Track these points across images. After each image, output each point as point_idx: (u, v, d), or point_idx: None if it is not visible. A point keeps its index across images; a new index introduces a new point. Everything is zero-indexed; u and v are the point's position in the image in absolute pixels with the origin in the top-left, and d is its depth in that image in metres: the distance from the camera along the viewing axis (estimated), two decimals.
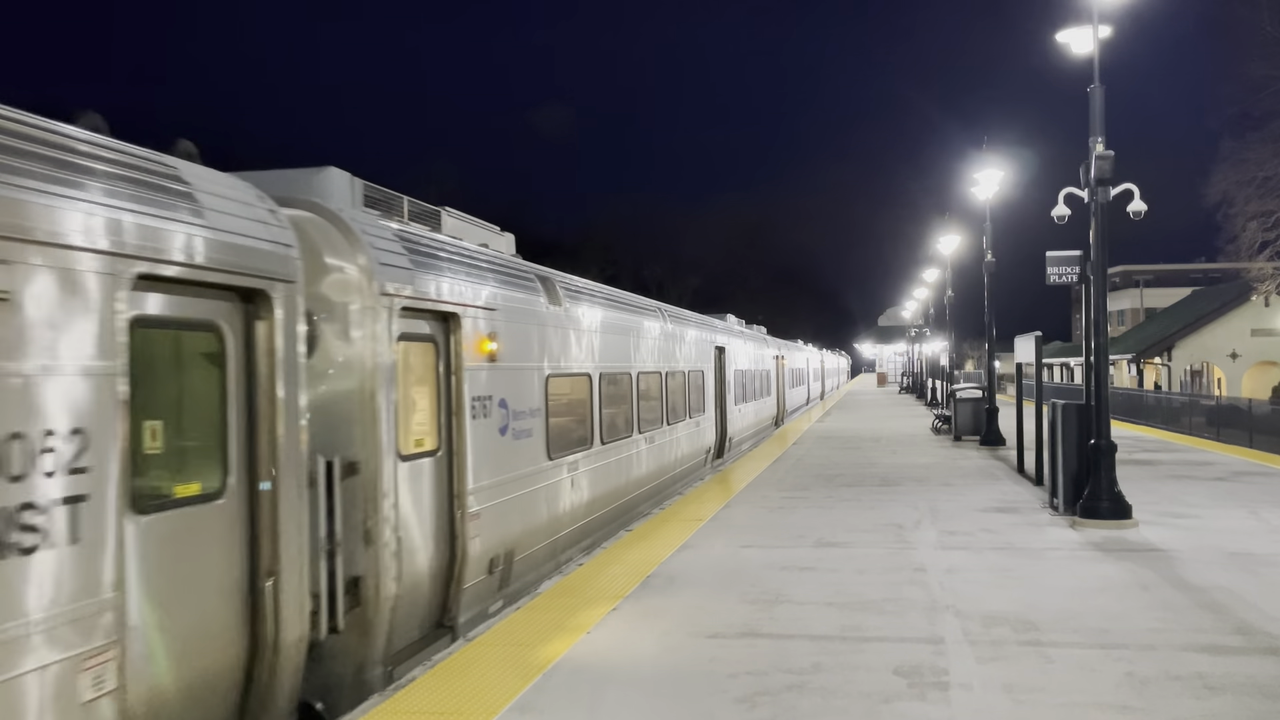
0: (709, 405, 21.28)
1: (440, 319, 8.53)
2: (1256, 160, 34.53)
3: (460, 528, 8.47)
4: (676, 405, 17.97)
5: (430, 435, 8.35)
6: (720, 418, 22.91)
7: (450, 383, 8.60)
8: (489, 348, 9.22)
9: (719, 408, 22.75)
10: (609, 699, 6.28)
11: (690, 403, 19.22)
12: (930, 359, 53.77)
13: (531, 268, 11.50)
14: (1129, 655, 6.98)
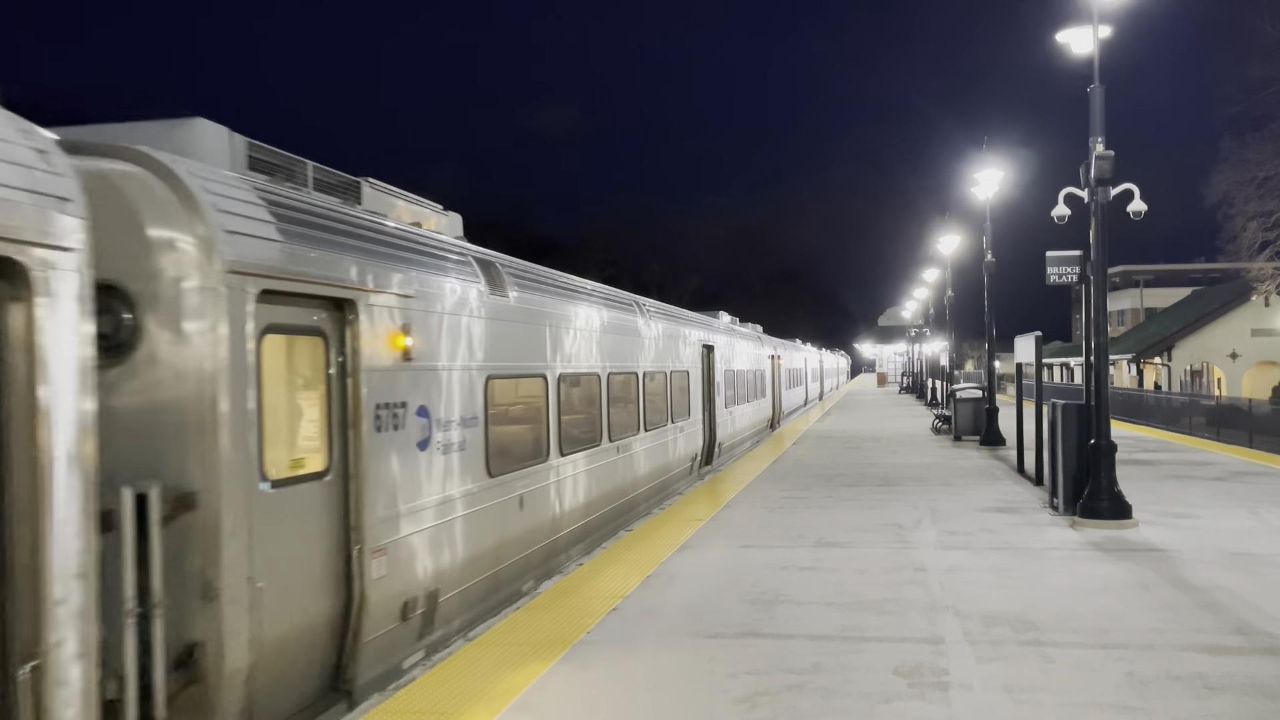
0: (695, 408, 19.81)
1: (331, 307, 6.87)
2: (1256, 160, 34.54)
3: (359, 567, 6.84)
4: (657, 409, 16.47)
5: (316, 453, 6.75)
6: (709, 422, 21.39)
7: (346, 387, 6.93)
8: (403, 343, 7.61)
9: (707, 411, 21.22)
10: (610, 698, 6.28)
11: (674, 406, 17.70)
12: (930, 359, 53.77)
13: (470, 250, 9.74)
14: (1129, 655, 6.99)
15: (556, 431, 11.27)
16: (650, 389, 16.05)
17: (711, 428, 21.79)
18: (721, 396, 23.10)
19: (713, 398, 21.87)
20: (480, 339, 9.17)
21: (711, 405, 21.82)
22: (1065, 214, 14.69)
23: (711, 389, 21.82)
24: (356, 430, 6.93)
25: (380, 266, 7.44)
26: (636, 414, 15.13)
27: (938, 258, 43.37)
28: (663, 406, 16.95)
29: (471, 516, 8.79)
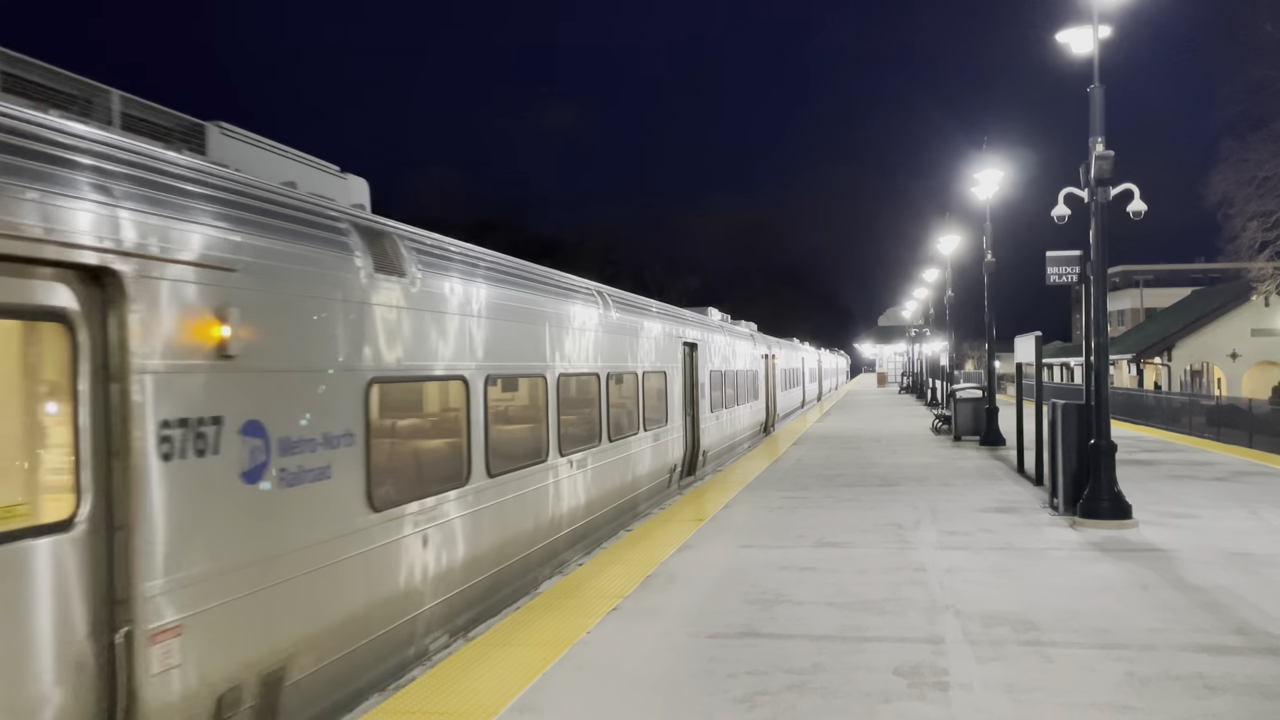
0: (674, 413, 17.77)
1: (87, 279, 4.83)
2: (1256, 160, 34.55)
3: (127, 659, 4.84)
4: (625, 415, 14.41)
5: (55, 494, 4.76)
6: (690, 428, 19.26)
7: (108, 395, 4.91)
8: (217, 334, 5.55)
9: (689, 416, 19.23)
10: (610, 699, 6.28)
11: (647, 411, 15.65)
12: (930, 359, 53.77)
13: (353, 217, 7.57)
14: (1129, 655, 6.99)
15: (482, 449, 8.96)
16: (616, 393, 13.92)
17: (694, 434, 19.68)
18: (707, 399, 21.07)
19: (696, 401, 19.84)
20: (360, 331, 7.06)
21: (695, 409, 19.75)
22: (1065, 214, 14.70)
23: (695, 391, 19.79)
24: (125, 458, 4.89)
25: (176, 223, 5.33)
26: (597, 422, 12.95)
27: (938, 258, 43.37)
28: (632, 412, 14.89)
29: (341, 567, 6.66)
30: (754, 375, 29.58)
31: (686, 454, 18.85)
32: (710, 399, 21.52)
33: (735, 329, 27.42)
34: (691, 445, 19.47)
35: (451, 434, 8.66)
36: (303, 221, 6.65)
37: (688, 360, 19.35)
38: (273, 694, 5.92)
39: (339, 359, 6.81)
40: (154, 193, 5.31)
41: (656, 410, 16.48)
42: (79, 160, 4.91)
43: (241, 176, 6.40)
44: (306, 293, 6.48)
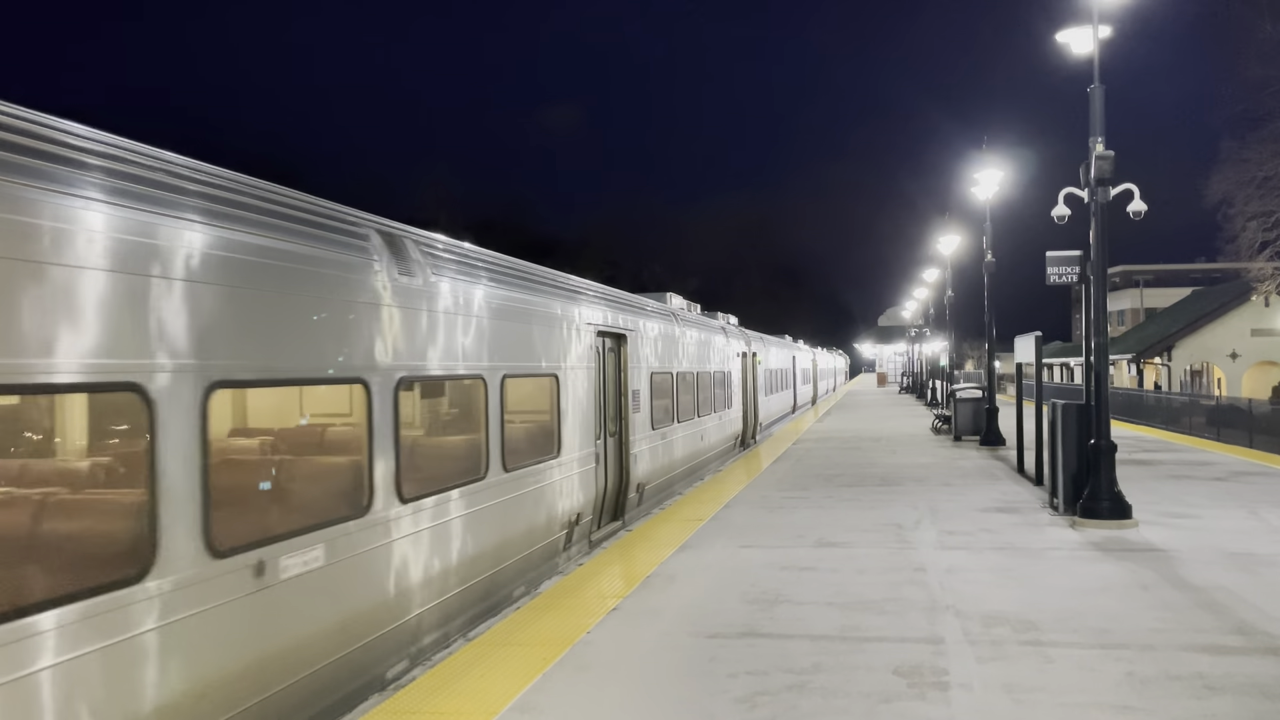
0: (573, 436, 11.68)
1: None
2: (1256, 160, 34.55)
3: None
4: (437, 456, 8.78)
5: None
6: (614, 454, 13.69)
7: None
8: None
9: (610, 437, 13.57)
10: (610, 699, 6.28)
11: (531, 439, 10.55)
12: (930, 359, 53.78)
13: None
14: (1129, 655, 6.99)
15: (176, 514, 5.23)
16: (466, 409, 9.19)
17: (623, 463, 14.05)
18: (646, 411, 15.47)
19: (625, 415, 14.18)
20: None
21: (624, 429, 14.16)
22: (1065, 214, 14.70)
23: (622, 401, 14.16)
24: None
25: None
26: (363, 477, 7.17)
27: (938, 258, 43.40)
28: (473, 450, 9.13)
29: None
30: (727, 377, 24.07)
31: (601, 495, 12.95)
32: (650, 411, 15.80)
33: (702, 321, 22.12)
34: (615, 480, 13.65)
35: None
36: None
37: (614, 360, 13.84)
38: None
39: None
40: None
41: (546, 439, 10.87)
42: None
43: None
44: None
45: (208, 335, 5.56)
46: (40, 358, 4.55)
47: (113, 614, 4.76)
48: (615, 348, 14.05)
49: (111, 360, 4.91)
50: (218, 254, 5.68)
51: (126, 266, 5.04)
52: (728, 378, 24.27)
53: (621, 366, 14.27)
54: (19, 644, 4.29)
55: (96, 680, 4.67)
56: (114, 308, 4.94)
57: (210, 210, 5.71)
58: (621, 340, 14.32)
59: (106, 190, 5.00)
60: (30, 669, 4.33)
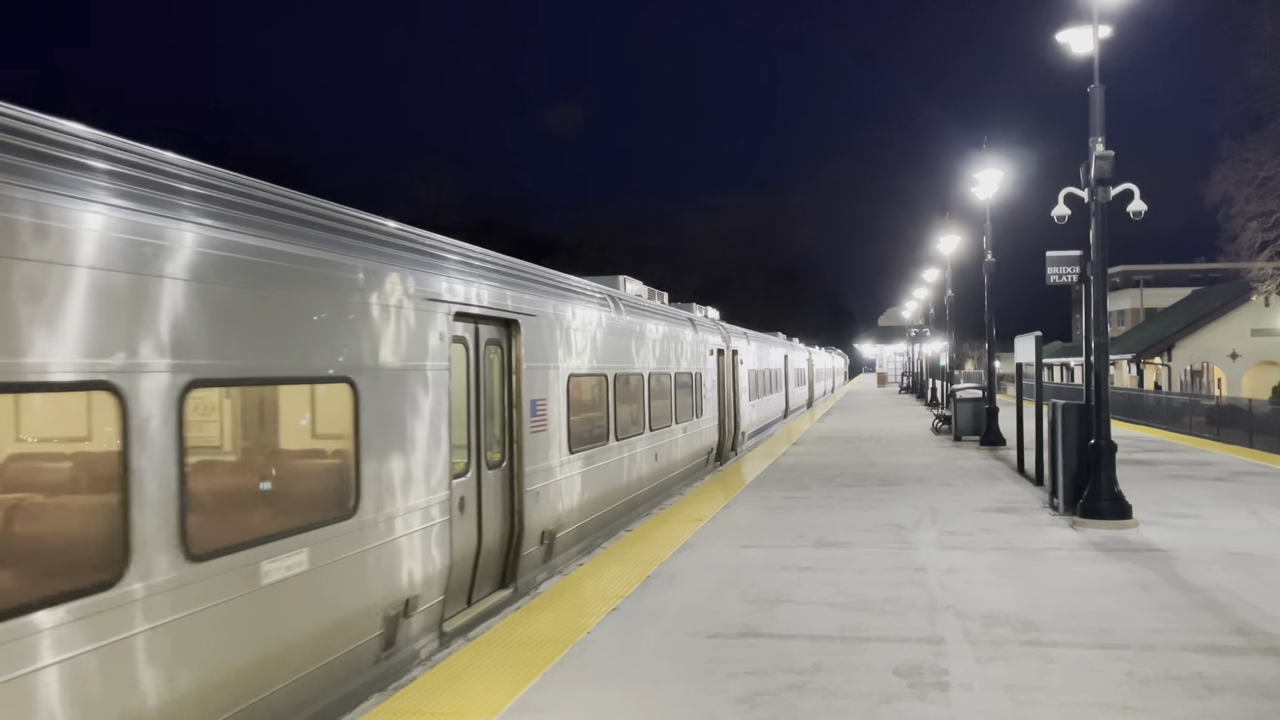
0: (405, 479, 7.62)
1: None
2: (1256, 160, 34.56)
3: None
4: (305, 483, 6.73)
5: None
6: (505, 492, 9.88)
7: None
8: None
9: (503, 467, 9.86)
10: (610, 699, 6.28)
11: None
12: (930, 359, 53.78)
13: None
14: (1129, 655, 6.99)
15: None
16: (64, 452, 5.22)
17: (510, 507, 9.97)
18: (558, 430, 11.27)
19: (516, 437, 10.06)
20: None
21: (512, 453, 10.04)
22: (1065, 214, 14.70)
23: (514, 417, 10.06)
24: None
25: None
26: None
27: (938, 258, 43.42)
28: (147, 518, 5.08)
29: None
30: (695, 379, 19.85)
31: (472, 556, 9.10)
32: (568, 428, 11.61)
33: (663, 311, 18.18)
34: (497, 530, 9.66)
35: None
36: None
37: (476, 355, 9.37)
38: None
39: None
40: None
41: (336, 486, 6.89)
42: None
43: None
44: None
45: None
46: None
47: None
48: (500, 340, 9.86)
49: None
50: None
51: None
52: (697, 380, 20.09)
53: (513, 367, 10.03)
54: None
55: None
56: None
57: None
58: (511, 330, 10.04)
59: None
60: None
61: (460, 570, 8.70)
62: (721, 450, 22.86)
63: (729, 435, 24.00)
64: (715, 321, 24.62)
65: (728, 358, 24.17)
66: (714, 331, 22.87)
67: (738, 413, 25.44)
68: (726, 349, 24.07)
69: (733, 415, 24.72)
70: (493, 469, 9.58)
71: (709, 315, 24.79)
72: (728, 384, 24.09)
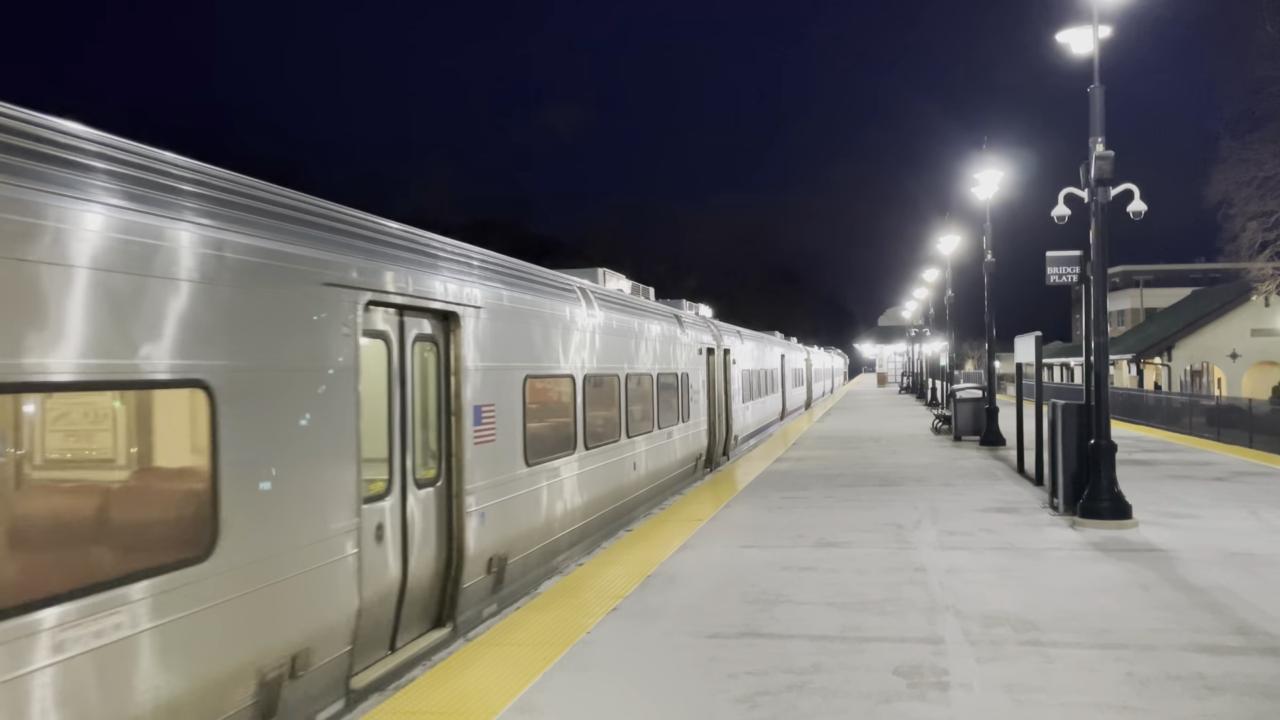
0: (291, 510, 6.16)
1: None
2: (1256, 160, 34.56)
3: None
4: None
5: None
6: (443, 515, 8.42)
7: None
8: None
9: (440, 485, 8.41)
10: (610, 699, 6.28)
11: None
12: (930, 359, 53.77)
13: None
14: (1129, 655, 6.99)
15: None
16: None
17: (448, 532, 8.47)
18: (510, 439, 9.70)
19: (456, 450, 8.56)
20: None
21: (450, 468, 8.57)
22: (1065, 214, 14.70)
23: (453, 426, 8.57)
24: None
25: None
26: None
27: (938, 258, 43.42)
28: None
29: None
30: (682, 380, 18.54)
31: (396, 594, 7.65)
32: (523, 437, 10.04)
33: (646, 307, 16.85)
34: (432, 560, 8.20)
35: None
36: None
37: (401, 353, 7.84)
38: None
39: None
40: None
41: (147, 527, 5.22)
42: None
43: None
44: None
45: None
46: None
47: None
48: (436, 336, 8.39)
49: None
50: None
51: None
52: (684, 381, 18.74)
53: (452, 368, 8.56)
54: None
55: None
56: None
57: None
58: (450, 324, 8.58)
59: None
60: None
61: (376, 612, 7.15)
62: (712, 456, 21.70)
63: (720, 439, 22.83)
64: (706, 319, 23.41)
65: (719, 357, 23.09)
66: (703, 329, 21.67)
67: (729, 415, 24.26)
68: (718, 348, 23.03)
69: (724, 418, 23.54)
70: (424, 488, 8.10)
71: (701, 312, 23.82)
72: (719, 385, 22.96)
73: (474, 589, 8.75)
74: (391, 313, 7.67)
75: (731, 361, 24.91)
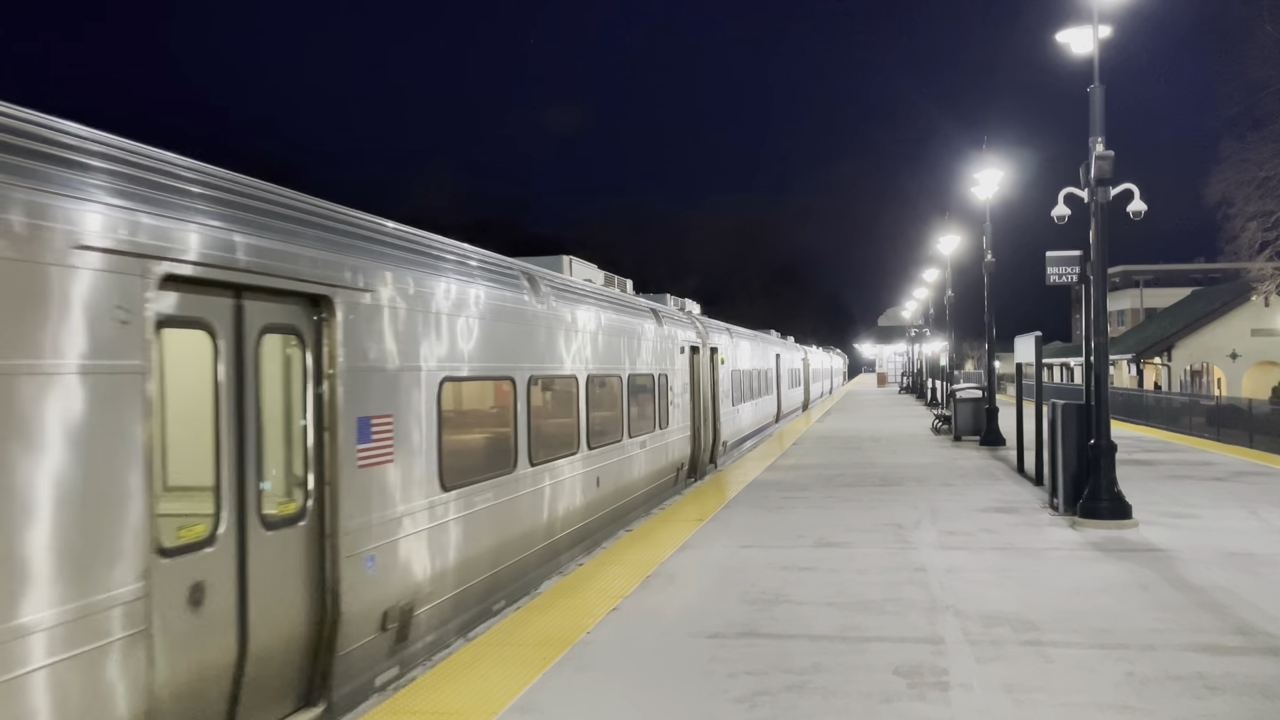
0: (39, 565, 4.36)
1: None
2: (1256, 160, 34.55)
3: None
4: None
5: None
6: (319, 579, 6.60)
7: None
8: None
9: (312, 520, 6.52)
10: (610, 699, 6.28)
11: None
12: (930, 359, 53.78)
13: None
14: (1129, 655, 6.99)
15: None
16: None
17: (321, 586, 6.58)
18: (431, 459, 8.10)
19: (330, 478, 6.67)
20: None
21: (325, 497, 6.63)
22: (1065, 214, 14.70)
23: (330, 448, 6.67)
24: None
25: None
26: None
27: (938, 258, 43.42)
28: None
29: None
30: (659, 382, 16.78)
31: (246, 664, 5.81)
32: (437, 460, 8.19)
33: (616, 299, 15.15)
34: (290, 628, 6.30)
35: None
36: None
37: (237, 357, 5.89)
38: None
39: None
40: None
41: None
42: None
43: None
44: None
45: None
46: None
47: None
48: (301, 327, 6.52)
49: None
50: None
51: None
52: (662, 383, 16.94)
53: (324, 370, 6.68)
54: None
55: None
56: None
57: None
58: (322, 312, 6.67)
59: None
60: None
61: (189, 706, 5.34)
62: (696, 464, 19.76)
63: (706, 446, 20.84)
64: (691, 315, 21.60)
65: (704, 356, 21.04)
66: (685, 325, 19.66)
67: (717, 420, 22.19)
68: (703, 346, 20.99)
69: (710, 423, 21.45)
70: (279, 527, 6.16)
71: (688, 307, 22.23)
72: (704, 386, 20.90)
73: (360, 653, 6.90)
74: (219, 294, 5.71)
75: (720, 361, 23.20)
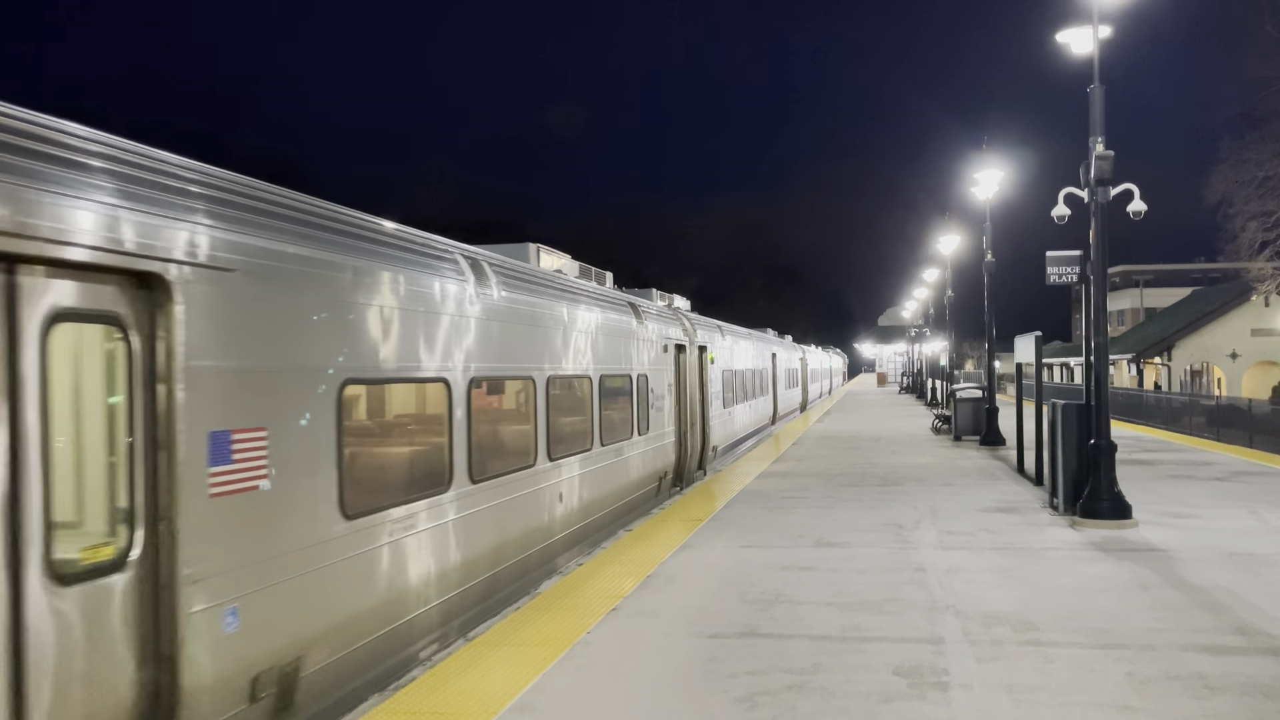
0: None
1: None
2: (1256, 160, 34.58)
3: None
4: None
5: None
6: (153, 647, 5.11)
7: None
8: None
9: (133, 615, 4.98)
10: (610, 699, 6.28)
11: None
12: (930, 359, 53.78)
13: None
14: (1129, 655, 6.98)
15: None
16: None
17: (156, 655, 5.12)
18: (329, 480, 6.64)
19: (167, 512, 5.21)
20: None
21: (159, 547, 5.17)
22: (1065, 214, 14.70)
23: (168, 472, 5.21)
24: None
25: None
26: None
27: (938, 258, 43.41)
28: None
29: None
30: (638, 383, 15.46)
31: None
32: (337, 482, 6.70)
33: (588, 291, 13.80)
34: (112, 713, 4.89)
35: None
36: None
37: (9, 356, 4.42)
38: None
39: None
40: None
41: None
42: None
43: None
44: None
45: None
46: None
47: None
48: (119, 313, 5.06)
49: None
50: None
51: None
52: (641, 384, 15.66)
53: (159, 371, 5.23)
54: None
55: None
56: None
57: None
58: (152, 296, 5.21)
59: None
60: None
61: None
62: (682, 471, 18.45)
63: (693, 452, 19.52)
64: (677, 311, 20.33)
65: (691, 355, 19.74)
66: (670, 322, 18.27)
67: (706, 423, 20.73)
68: (690, 344, 19.61)
69: (699, 426, 20.05)
70: (83, 580, 4.75)
71: (675, 303, 21.05)
72: (691, 387, 19.61)
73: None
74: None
75: (710, 360, 21.71)
